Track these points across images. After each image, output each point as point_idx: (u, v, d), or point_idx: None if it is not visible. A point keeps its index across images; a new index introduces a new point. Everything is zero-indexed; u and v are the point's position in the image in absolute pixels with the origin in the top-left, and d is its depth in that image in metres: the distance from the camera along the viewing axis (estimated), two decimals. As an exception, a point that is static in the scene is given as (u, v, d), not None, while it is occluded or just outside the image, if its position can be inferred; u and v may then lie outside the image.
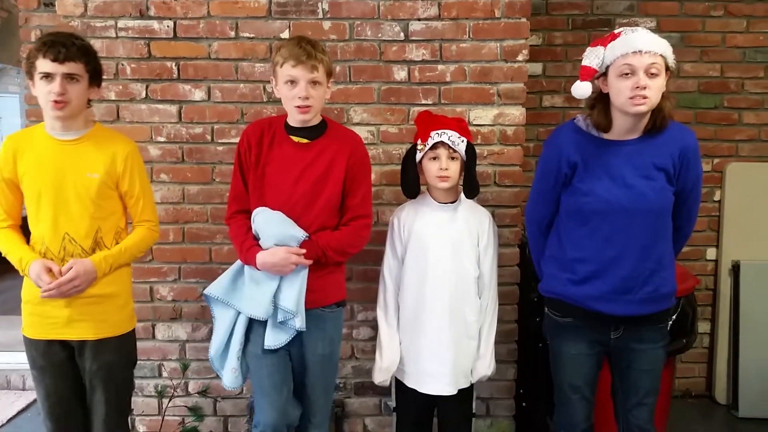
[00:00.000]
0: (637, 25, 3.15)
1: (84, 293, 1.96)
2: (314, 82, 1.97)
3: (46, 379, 2.03)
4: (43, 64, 1.88)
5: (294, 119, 2.06)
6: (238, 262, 2.09)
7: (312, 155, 2.06)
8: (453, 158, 2.12)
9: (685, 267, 3.01)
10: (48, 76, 1.88)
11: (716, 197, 3.44)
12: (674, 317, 2.62)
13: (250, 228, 2.06)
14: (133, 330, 2.15)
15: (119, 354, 2.09)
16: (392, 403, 2.31)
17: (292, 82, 1.96)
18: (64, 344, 2.02)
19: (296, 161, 2.05)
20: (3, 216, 2.01)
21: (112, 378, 2.07)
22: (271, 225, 2.00)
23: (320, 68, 1.97)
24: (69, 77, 1.90)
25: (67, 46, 1.89)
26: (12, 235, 2.02)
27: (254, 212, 2.04)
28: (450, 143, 2.09)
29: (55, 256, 1.96)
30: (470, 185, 2.16)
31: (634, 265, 1.90)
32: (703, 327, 3.47)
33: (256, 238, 2.03)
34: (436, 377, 2.15)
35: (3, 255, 2.01)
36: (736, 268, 3.39)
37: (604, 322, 1.98)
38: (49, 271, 1.91)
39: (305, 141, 2.07)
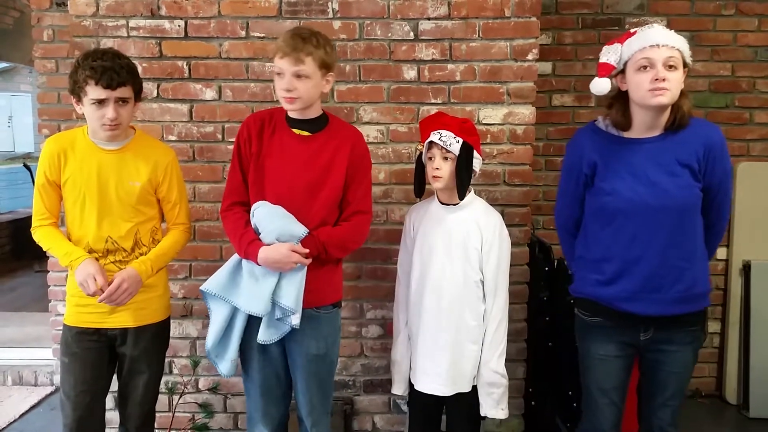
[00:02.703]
0: (651, 24, 3.16)
1: None
2: (299, 75, 1.93)
3: (76, 366, 2.08)
4: (96, 92, 1.93)
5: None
6: (235, 257, 2.04)
7: (314, 148, 2.03)
8: (447, 158, 2.09)
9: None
10: (101, 102, 1.95)
11: (727, 197, 3.43)
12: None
13: (249, 221, 2.02)
14: (169, 318, 2.25)
15: (157, 340, 2.19)
16: (405, 400, 2.31)
17: (279, 73, 1.95)
18: (103, 334, 2.10)
19: (298, 153, 2.02)
20: (46, 214, 2.09)
21: (151, 363, 2.18)
22: (272, 219, 1.96)
23: (308, 61, 1.91)
24: (120, 101, 1.98)
25: (118, 71, 1.94)
26: (54, 231, 2.10)
27: (254, 206, 2.00)
28: (441, 143, 2.07)
29: (99, 255, 2.05)
30: (458, 185, 2.09)
31: (660, 263, 1.88)
32: (713, 327, 3.46)
33: (256, 233, 1.99)
34: (431, 376, 2.14)
35: (45, 249, 2.11)
36: (746, 268, 3.38)
37: (634, 323, 1.95)
38: (94, 279, 1.98)
39: (306, 134, 2.05)
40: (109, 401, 2.26)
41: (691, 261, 1.91)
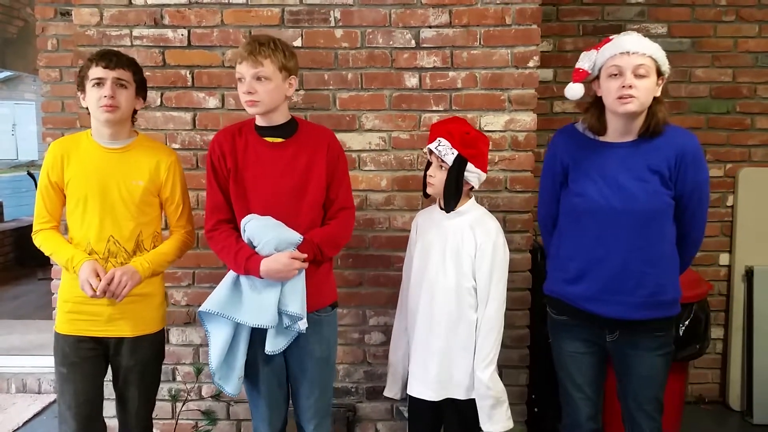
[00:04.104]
0: (648, 31, 3.16)
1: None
2: (259, 78, 1.94)
3: (76, 376, 2.07)
4: (96, 71, 2.00)
5: (260, 118, 2.05)
6: (231, 274, 2.01)
7: (290, 153, 2.04)
8: (441, 167, 2.09)
9: (698, 272, 3.01)
10: (99, 83, 2.00)
11: (729, 202, 3.43)
12: (686, 323, 2.62)
13: (239, 237, 2.01)
14: (164, 329, 2.24)
15: (154, 351, 2.19)
16: (406, 406, 2.32)
17: (240, 79, 1.97)
18: (99, 342, 2.09)
19: (275, 160, 2.03)
20: (47, 217, 2.09)
21: (147, 374, 2.17)
22: (266, 231, 1.95)
23: (266, 63, 1.93)
24: (119, 82, 2.02)
25: (118, 56, 2.05)
26: (56, 235, 2.10)
27: (244, 221, 1.98)
28: (437, 152, 2.08)
29: (100, 257, 2.05)
30: (445, 197, 2.10)
31: (621, 266, 1.90)
32: (716, 333, 3.45)
33: (251, 247, 1.98)
34: (420, 380, 2.15)
35: (48, 254, 2.10)
36: (749, 274, 3.38)
37: (597, 324, 1.99)
38: (97, 275, 1.98)
39: (279, 140, 2.06)
40: (111, 408, 2.25)
41: (655, 267, 1.92)
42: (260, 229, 1.96)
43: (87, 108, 2.07)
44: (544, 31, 2.86)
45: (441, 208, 2.17)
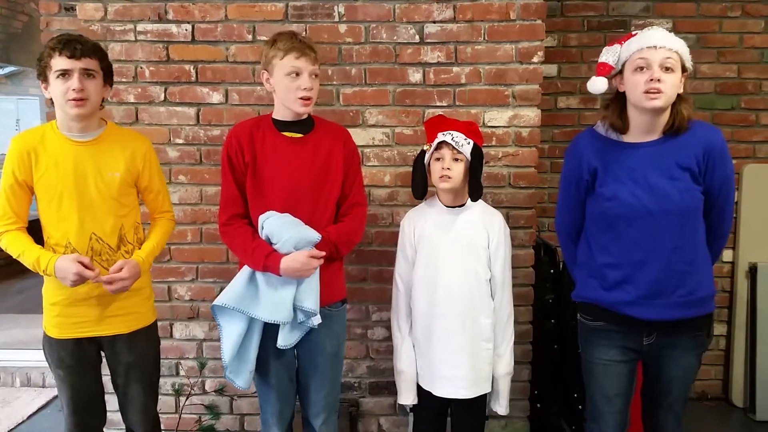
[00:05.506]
0: (652, 26, 3.15)
1: None
2: (315, 75, 1.99)
3: (73, 378, 2.05)
4: (60, 62, 1.88)
5: (288, 113, 2.05)
6: (246, 270, 2.01)
7: (309, 148, 2.05)
8: (457, 159, 2.09)
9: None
10: (65, 74, 1.88)
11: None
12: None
13: (255, 233, 2.02)
14: (156, 320, 2.22)
15: (151, 344, 2.18)
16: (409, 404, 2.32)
17: (297, 74, 1.97)
18: (92, 341, 2.06)
19: (294, 155, 2.04)
20: (14, 218, 1.98)
21: (148, 368, 2.16)
22: (285, 229, 1.95)
23: (317, 61, 2.00)
24: (86, 73, 1.91)
25: (82, 43, 1.91)
26: (24, 236, 1.99)
27: (262, 218, 1.99)
28: (453, 143, 2.07)
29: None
30: (474, 187, 2.13)
31: (663, 268, 1.86)
32: (719, 329, 3.45)
33: (269, 244, 1.98)
34: (451, 381, 2.14)
35: (15, 257, 1.98)
36: (753, 270, 3.37)
37: (637, 328, 1.93)
38: (80, 262, 1.89)
39: (299, 135, 2.07)
40: (112, 403, 2.26)
41: (693, 265, 1.89)
42: (279, 227, 1.96)
43: (51, 99, 1.95)
44: (548, 27, 2.85)
45: (448, 206, 2.17)
